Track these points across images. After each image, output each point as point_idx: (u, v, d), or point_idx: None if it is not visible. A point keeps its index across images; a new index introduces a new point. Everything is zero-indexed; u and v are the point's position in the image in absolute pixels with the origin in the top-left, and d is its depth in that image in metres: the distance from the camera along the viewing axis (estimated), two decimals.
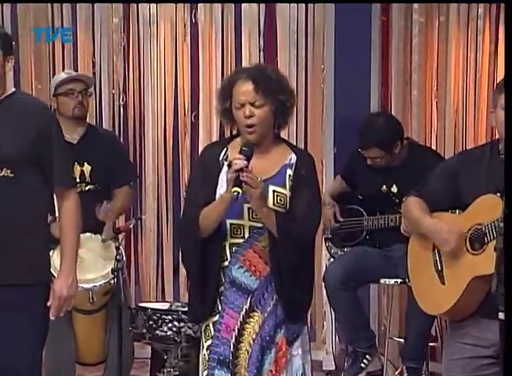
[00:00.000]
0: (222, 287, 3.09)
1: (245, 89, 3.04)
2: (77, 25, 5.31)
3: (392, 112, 5.11)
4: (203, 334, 3.14)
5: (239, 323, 3.07)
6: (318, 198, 3.16)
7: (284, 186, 3.08)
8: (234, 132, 3.21)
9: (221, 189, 3.06)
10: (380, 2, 5.21)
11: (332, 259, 4.73)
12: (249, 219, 3.07)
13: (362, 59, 5.19)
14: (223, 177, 3.07)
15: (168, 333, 3.96)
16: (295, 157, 3.13)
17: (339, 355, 4.87)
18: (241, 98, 3.04)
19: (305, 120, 5.35)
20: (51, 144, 3.13)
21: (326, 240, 4.78)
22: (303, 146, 5.31)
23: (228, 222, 3.07)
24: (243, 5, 5.26)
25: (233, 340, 3.07)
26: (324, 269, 4.85)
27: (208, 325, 3.12)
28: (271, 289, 3.08)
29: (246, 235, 3.07)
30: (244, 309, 3.07)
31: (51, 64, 5.33)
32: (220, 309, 3.10)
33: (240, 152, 3.01)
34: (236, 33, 5.31)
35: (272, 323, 3.07)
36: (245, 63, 5.27)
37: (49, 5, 5.28)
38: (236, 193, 2.94)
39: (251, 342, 3.06)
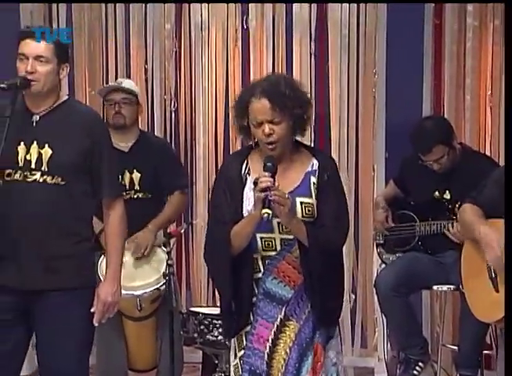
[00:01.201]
0: (255, 299, 3.09)
1: (261, 108, 3.00)
2: (129, 31, 5.35)
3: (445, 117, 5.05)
4: (235, 343, 3.13)
5: (273, 333, 3.07)
6: (344, 201, 3.15)
7: (310, 196, 3.07)
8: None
9: (248, 204, 3.05)
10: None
11: (383, 265, 4.70)
12: (279, 232, 3.06)
13: (415, 63, 5.15)
14: (248, 192, 3.06)
15: (219, 338, 3.97)
16: (317, 163, 3.12)
17: (391, 362, 4.82)
18: (259, 117, 3.01)
19: (356, 125, 5.32)
20: (101, 154, 3.18)
21: (377, 245, 4.75)
22: (354, 152, 5.30)
23: (258, 236, 3.07)
24: (294, 9, 5.26)
25: (267, 350, 3.06)
26: (375, 274, 4.81)
27: (241, 335, 3.11)
28: (305, 297, 3.08)
29: (278, 248, 3.08)
30: (279, 319, 3.08)
31: (104, 71, 5.39)
32: (252, 319, 3.09)
33: (265, 169, 2.98)
34: (287, 38, 5.30)
35: (308, 330, 3.07)
36: (296, 69, 5.27)
37: (104, 13, 5.34)
38: (266, 215, 2.92)
39: (288, 351, 3.06)
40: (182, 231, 4.46)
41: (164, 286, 4.00)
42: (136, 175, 4.32)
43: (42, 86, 3.11)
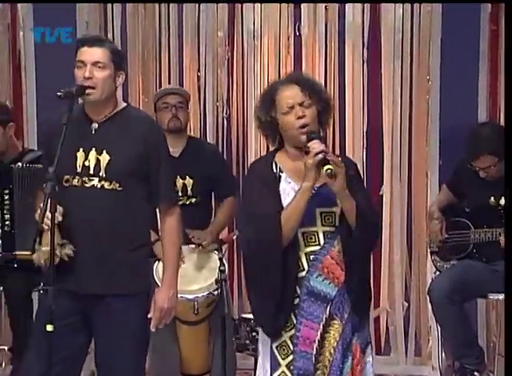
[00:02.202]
0: (298, 299, 3.05)
1: (291, 92, 3.07)
2: (182, 39, 5.40)
3: (501, 124, 4.99)
4: (277, 351, 3.08)
5: (319, 334, 3.04)
6: (371, 197, 3.22)
7: None
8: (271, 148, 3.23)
9: (287, 198, 3.04)
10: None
11: (437, 273, 4.65)
12: (322, 224, 3.06)
13: (470, 69, 5.10)
14: (284, 187, 3.07)
15: None
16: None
17: (445, 371, 4.77)
18: (289, 101, 3.06)
19: (409, 131, 5.28)
20: (158, 160, 3.21)
21: (431, 253, 4.71)
22: (407, 158, 5.27)
23: (300, 231, 3.04)
24: (346, 16, 5.24)
25: (315, 352, 3.03)
26: (429, 282, 4.76)
27: (285, 341, 3.07)
28: (347, 296, 3.07)
29: (322, 241, 3.06)
30: (324, 319, 3.05)
31: (157, 78, 5.44)
32: (296, 322, 3.05)
33: (310, 139, 3.01)
34: (339, 44, 5.29)
35: (348, 331, 3.06)
36: (348, 75, 5.26)
37: (157, 21, 5.39)
38: (329, 171, 2.94)
39: (332, 351, 3.03)
40: (234, 237, 4.48)
41: (217, 291, 4.02)
42: (189, 181, 4.35)
43: (100, 93, 3.15)
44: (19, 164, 4.45)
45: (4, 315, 5.04)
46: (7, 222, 4.40)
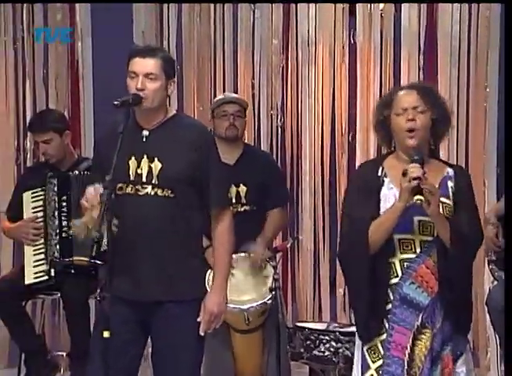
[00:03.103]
0: (390, 305, 3.07)
1: (408, 95, 3.15)
2: (237, 47, 5.42)
3: None
4: (368, 354, 3.11)
5: (410, 340, 3.05)
6: (477, 211, 3.18)
7: (448, 197, 3.10)
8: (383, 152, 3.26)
9: (386, 203, 3.08)
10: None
11: (495, 282, 4.57)
12: (419, 233, 3.07)
13: None
14: (386, 193, 3.09)
15: (326, 353, 3.95)
16: (452, 171, 3.18)
17: None
18: (404, 104, 3.12)
19: (466, 140, 5.21)
20: (209, 166, 3.21)
21: (489, 262, 4.63)
22: (464, 167, 5.18)
23: (396, 237, 3.07)
24: (402, 23, 5.19)
25: (407, 358, 3.04)
26: (487, 292, 4.69)
27: (376, 345, 3.10)
28: (440, 305, 3.06)
29: (418, 250, 3.07)
30: (416, 326, 3.06)
31: (212, 86, 5.47)
32: (387, 327, 3.07)
33: (413, 161, 3.04)
34: (395, 52, 5.25)
35: (439, 340, 3.05)
36: (404, 83, 5.18)
37: (212, 30, 5.42)
38: (419, 201, 2.98)
39: (422, 359, 3.03)
40: (288, 246, 4.47)
41: (270, 300, 4.02)
42: (242, 189, 4.37)
43: (151, 102, 3.17)
44: (76, 171, 4.52)
45: (62, 321, 5.12)
46: (65, 229, 4.47)
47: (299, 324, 4.21)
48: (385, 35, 5.26)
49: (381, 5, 5.25)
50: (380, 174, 3.15)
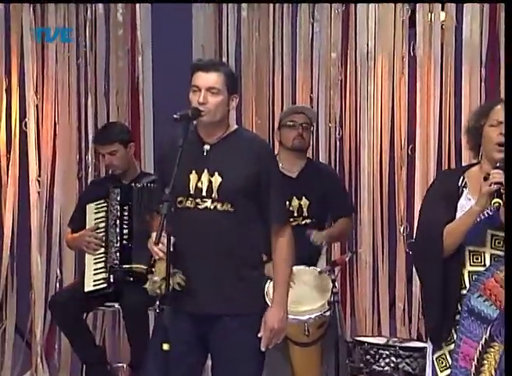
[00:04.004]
0: (458, 316, 3.06)
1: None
2: (296, 61, 5.43)
3: None
4: (436, 364, 3.11)
5: (478, 352, 3.03)
6: None
7: None
8: (465, 163, 3.22)
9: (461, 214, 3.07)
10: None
11: None
12: (491, 247, 3.05)
13: None
14: (463, 204, 3.08)
15: (386, 368, 3.91)
16: None
17: None
18: (500, 117, 3.08)
19: None
20: (269, 180, 3.22)
21: None
22: None
23: (467, 249, 3.06)
24: (464, 35, 5.13)
25: (473, 369, 3.03)
26: None
27: (444, 354, 3.10)
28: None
29: (488, 263, 3.05)
30: (484, 339, 3.03)
31: (270, 100, 5.48)
32: (455, 337, 3.06)
33: (497, 168, 3.03)
34: (455, 65, 5.19)
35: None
36: (465, 96, 5.11)
37: (271, 43, 5.44)
38: (497, 204, 2.96)
39: (492, 372, 3.02)
40: (347, 259, 4.45)
41: (328, 312, 4.00)
42: (305, 202, 4.37)
43: (213, 116, 3.19)
44: (138, 184, 4.58)
45: (122, 332, 5.17)
46: (125, 236, 4.53)
47: (358, 338, 4.18)
48: (446, 47, 5.21)
49: (442, 17, 5.20)
50: (460, 183, 3.15)
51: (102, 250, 4.57)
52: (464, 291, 3.06)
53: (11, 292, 5.23)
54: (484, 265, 3.06)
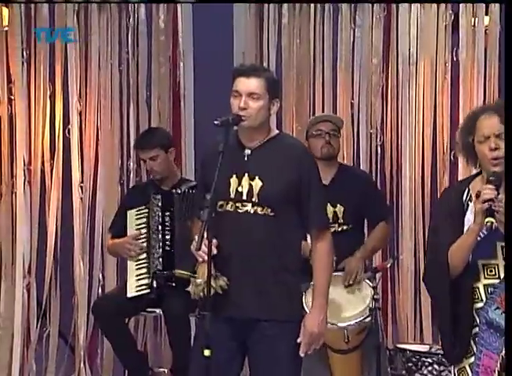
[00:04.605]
0: (477, 329, 3.03)
1: (489, 122, 3.02)
2: (337, 67, 5.42)
3: None
4: None
5: (499, 364, 2.99)
6: None
7: None
8: (474, 171, 3.17)
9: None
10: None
11: None
12: (503, 258, 2.99)
13: None
14: (469, 219, 3.03)
15: None
16: None
17: None
18: (485, 131, 3.01)
19: None
20: (310, 185, 3.22)
21: None
22: None
23: (480, 263, 3.02)
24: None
25: None
26: None
27: (464, 367, 3.05)
28: None
29: (502, 275, 3.00)
30: (504, 351, 2.98)
31: (311, 106, 5.47)
32: (475, 350, 3.02)
33: (488, 182, 2.97)
34: (499, 70, 5.13)
35: None
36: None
37: (312, 50, 5.43)
38: (489, 223, 2.91)
39: None
40: (388, 266, 4.42)
41: (369, 318, 3.98)
42: (340, 208, 4.37)
43: (254, 121, 3.21)
44: (179, 190, 4.60)
45: (164, 338, 5.19)
46: (168, 242, 4.56)
47: (400, 346, 4.15)
48: (490, 52, 5.16)
49: (486, 21, 5.15)
50: (464, 198, 3.09)
51: (145, 255, 4.60)
52: (481, 304, 3.02)
53: (54, 297, 5.29)
54: (499, 277, 3.00)
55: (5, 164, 5.25)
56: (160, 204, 4.58)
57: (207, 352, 2.98)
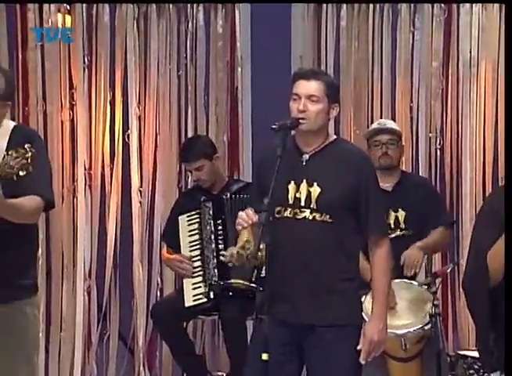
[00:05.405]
0: None
1: None
2: (395, 71, 5.37)
3: None
4: None
5: None
6: None
7: None
8: None
9: None
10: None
11: None
12: None
13: None
14: None
15: None
16: None
17: None
18: None
19: None
20: (368, 192, 3.21)
21: None
22: None
23: None
24: None
25: None
26: None
27: None
28: None
29: None
30: None
31: (369, 110, 5.44)
32: None
33: None
34: None
35: None
36: None
37: (370, 54, 5.39)
38: None
39: None
40: (448, 271, 4.38)
41: (428, 326, 3.93)
42: (401, 214, 4.35)
43: (312, 125, 3.20)
44: (228, 193, 4.61)
45: (222, 341, 5.21)
46: (221, 252, 4.56)
47: (461, 352, 4.09)
48: None
49: None
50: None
51: (199, 263, 4.62)
52: None
53: (114, 300, 5.34)
54: None
55: (67, 168, 5.32)
56: (211, 212, 4.59)
57: (265, 356, 2.98)
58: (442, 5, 5.30)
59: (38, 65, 5.26)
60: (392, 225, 4.33)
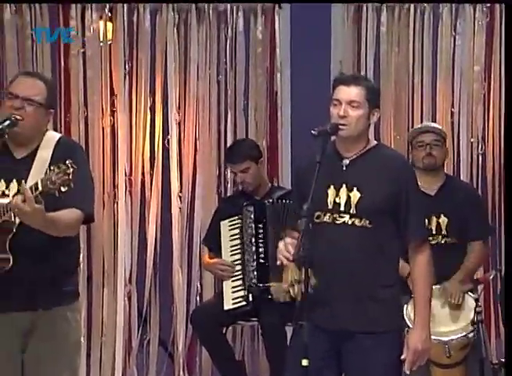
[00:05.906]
0: None
1: None
2: (436, 75, 5.32)
3: None
4: None
5: None
6: None
7: None
8: None
9: None
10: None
11: None
12: None
13: None
14: None
15: None
16: None
17: None
18: None
19: None
20: (408, 197, 3.18)
21: None
22: None
23: None
24: None
25: None
26: None
27: None
28: None
29: None
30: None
31: (409, 115, 5.40)
32: None
33: None
34: None
35: None
36: None
37: (411, 58, 5.36)
38: None
39: None
40: (491, 278, 4.32)
41: (472, 333, 3.88)
42: (443, 220, 4.30)
43: (353, 130, 3.19)
44: (271, 199, 4.61)
45: (261, 347, 5.20)
46: (261, 255, 4.56)
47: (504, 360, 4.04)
48: None
49: None
50: None
51: (239, 267, 4.63)
52: None
53: (154, 305, 5.37)
54: None
55: (108, 174, 5.36)
56: (252, 216, 4.59)
57: (305, 362, 2.97)
58: (484, 8, 5.25)
59: (80, 72, 5.31)
60: (434, 231, 4.28)
